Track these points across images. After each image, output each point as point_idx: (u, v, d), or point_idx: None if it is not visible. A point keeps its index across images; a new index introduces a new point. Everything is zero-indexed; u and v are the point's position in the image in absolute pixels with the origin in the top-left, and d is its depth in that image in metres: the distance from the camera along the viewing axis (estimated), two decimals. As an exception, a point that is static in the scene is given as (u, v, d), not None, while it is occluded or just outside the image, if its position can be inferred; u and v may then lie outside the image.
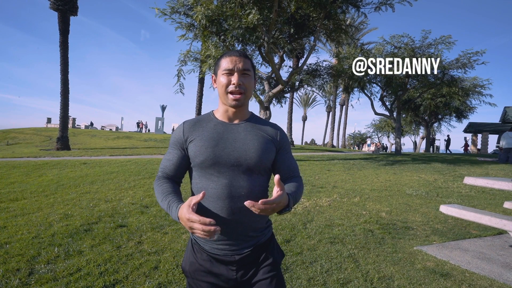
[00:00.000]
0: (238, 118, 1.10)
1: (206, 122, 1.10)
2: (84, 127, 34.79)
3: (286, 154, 1.14)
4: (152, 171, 7.47)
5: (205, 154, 1.02)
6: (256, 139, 1.06)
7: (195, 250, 1.08)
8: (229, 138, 1.05)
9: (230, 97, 1.04)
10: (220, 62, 1.07)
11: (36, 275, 2.31)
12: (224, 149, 1.02)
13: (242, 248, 1.04)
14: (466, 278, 2.50)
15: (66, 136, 14.39)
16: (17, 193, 5.09)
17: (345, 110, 35.72)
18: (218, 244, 1.03)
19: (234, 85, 1.03)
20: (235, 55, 1.05)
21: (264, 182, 1.09)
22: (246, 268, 1.04)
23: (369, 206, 4.80)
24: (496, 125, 25.07)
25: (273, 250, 1.11)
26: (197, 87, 19.88)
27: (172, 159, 1.09)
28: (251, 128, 1.09)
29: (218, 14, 8.38)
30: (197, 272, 1.06)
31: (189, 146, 1.06)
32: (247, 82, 1.05)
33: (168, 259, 2.67)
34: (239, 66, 1.04)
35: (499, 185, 3.02)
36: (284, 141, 1.14)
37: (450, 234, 3.62)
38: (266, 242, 1.10)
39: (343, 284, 2.31)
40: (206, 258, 1.05)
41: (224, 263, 1.04)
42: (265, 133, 1.10)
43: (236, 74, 1.03)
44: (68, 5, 13.91)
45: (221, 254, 1.03)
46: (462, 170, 8.98)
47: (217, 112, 1.12)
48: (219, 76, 1.06)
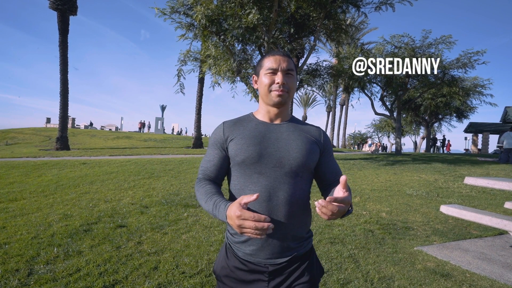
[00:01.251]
0: (280, 119, 1.07)
1: (247, 121, 1.07)
2: (84, 127, 34.78)
3: (330, 157, 1.10)
4: (152, 171, 7.46)
5: (247, 153, 0.97)
6: (300, 140, 1.02)
7: (228, 255, 1.03)
8: (271, 137, 1.01)
9: (274, 94, 1.01)
10: (263, 62, 1.05)
11: (36, 276, 2.30)
12: (266, 148, 0.98)
13: (277, 258, 0.97)
14: (467, 278, 2.49)
15: (66, 136, 14.38)
16: (16, 193, 5.08)
17: (345, 110, 35.73)
18: (252, 251, 0.97)
19: (278, 84, 1.01)
20: (279, 55, 1.03)
21: (307, 186, 1.02)
22: (280, 281, 0.97)
23: (369, 206, 4.79)
24: (497, 125, 25.07)
25: (312, 265, 1.04)
26: (197, 87, 19.84)
27: (212, 160, 1.05)
28: (294, 129, 1.05)
29: (218, 14, 8.37)
30: (226, 278, 1.02)
31: (230, 144, 1.02)
32: (290, 82, 1.03)
33: (167, 259, 2.66)
34: (283, 66, 1.01)
35: (499, 185, 3.01)
36: (328, 143, 1.10)
37: (450, 235, 3.62)
38: (305, 254, 1.02)
39: (343, 285, 2.30)
40: (238, 265, 1.00)
41: (256, 272, 0.97)
42: (308, 134, 1.06)
43: (280, 74, 1.01)
44: (68, 4, 13.91)
45: (254, 261, 0.97)
46: (463, 170, 8.98)
47: (258, 113, 1.09)
48: (262, 76, 1.04)
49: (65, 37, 14.16)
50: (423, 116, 24.12)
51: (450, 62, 14.25)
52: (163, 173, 7.15)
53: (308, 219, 1.04)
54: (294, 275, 0.98)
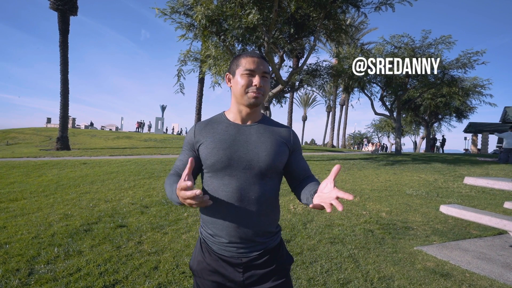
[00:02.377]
0: (251, 120, 1.09)
1: (218, 123, 1.08)
2: (84, 127, 34.80)
3: (299, 156, 1.13)
4: (152, 171, 7.46)
5: (217, 156, 1.00)
6: (269, 142, 1.05)
7: (203, 249, 1.08)
8: (241, 140, 1.03)
9: (250, 95, 1.02)
10: (240, 61, 1.05)
11: (36, 275, 2.30)
12: (236, 152, 1.01)
13: (250, 252, 1.03)
14: (466, 278, 2.49)
15: (66, 136, 14.39)
16: (17, 193, 5.09)
17: (345, 110, 35.74)
18: (227, 246, 1.02)
19: (255, 86, 1.02)
20: (256, 56, 1.04)
21: (276, 185, 1.07)
22: (254, 272, 1.03)
23: (369, 206, 4.80)
24: (497, 125, 25.07)
25: (282, 256, 1.10)
26: (197, 87, 19.89)
27: (183, 159, 1.08)
28: (264, 130, 1.07)
29: (218, 14, 8.38)
30: (204, 271, 1.06)
31: (200, 148, 1.05)
32: (266, 85, 1.05)
33: (168, 259, 2.66)
34: (261, 68, 1.03)
35: (499, 185, 3.02)
36: (297, 143, 1.14)
37: (450, 234, 3.62)
38: (275, 247, 1.09)
39: (343, 284, 2.31)
40: (214, 258, 1.05)
41: (231, 265, 1.03)
42: (278, 136, 1.08)
43: (257, 76, 1.02)
44: (68, 5, 13.92)
45: (229, 255, 1.03)
46: (462, 170, 8.98)
47: (229, 113, 1.10)
48: (238, 76, 1.04)
49: (65, 37, 14.17)
50: (423, 116, 24.11)
51: (450, 62, 14.25)
52: (163, 173, 7.16)
53: (277, 216, 1.11)
54: (267, 266, 1.05)
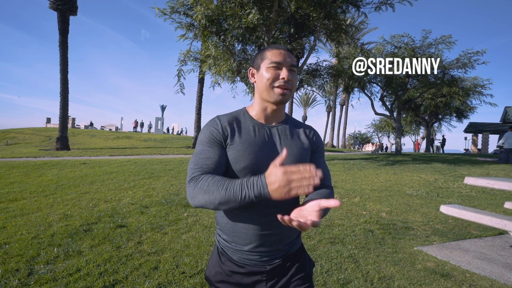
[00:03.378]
0: (276, 119, 1.03)
1: (243, 121, 1.00)
2: (84, 127, 34.80)
3: (319, 159, 1.07)
4: (151, 171, 7.46)
5: (248, 160, 0.93)
6: (295, 145, 1.00)
7: (222, 260, 1.01)
8: (268, 143, 0.98)
9: (277, 91, 0.95)
10: (265, 54, 0.98)
11: (36, 276, 2.30)
12: (265, 157, 0.94)
13: (273, 259, 0.98)
14: (467, 278, 2.49)
15: (66, 136, 14.40)
16: (17, 193, 5.09)
17: (345, 110, 35.75)
18: (249, 254, 0.96)
19: (283, 80, 0.94)
20: (283, 49, 0.98)
21: None
22: (277, 279, 0.99)
23: (369, 206, 4.80)
24: (497, 125, 25.08)
25: (305, 261, 1.06)
26: (197, 87, 19.85)
27: (213, 157, 0.92)
28: (288, 132, 1.02)
29: (218, 14, 8.38)
30: (222, 283, 0.99)
31: (229, 148, 0.95)
32: (294, 79, 0.98)
33: (168, 259, 2.66)
34: (288, 60, 0.96)
35: (499, 185, 3.01)
36: (319, 144, 1.08)
37: (450, 234, 3.62)
38: (297, 252, 1.05)
39: (343, 285, 2.31)
40: (234, 269, 0.98)
41: (254, 274, 0.97)
42: (302, 137, 1.04)
43: (285, 69, 0.95)
44: (68, 4, 13.92)
45: (251, 264, 0.97)
46: (463, 170, 8.98)
47: (252, 110, 1.02)
48: (263, 69, 0.96)
49: (65, 37, 14.17)
50: (423, 116, 24.13)
51: (450, 62, 14.26)
52: (163, 173, 7.15)
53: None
54: (290, 272, 1.00)
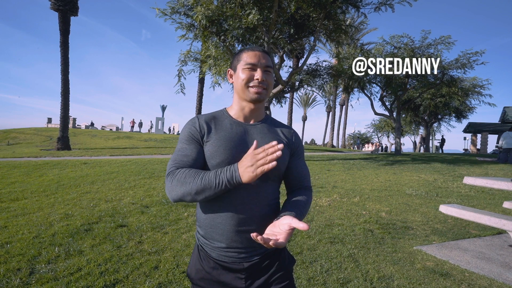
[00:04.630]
0: (254, 118, 1.05)
1: (222, 119, 1.03)
2: (85, 127, 34.82)
3: (298, 159, 1.09)
4: (152, 171, 7.47)
5: (223, 156, 0.95)
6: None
7: (202, 257, 1.02)
8: (246, 140, 0.99)
9: (252, 90, 0.99)
10: (241, 56, 1.02)
11: (37, 275, 2.31)
12: (241, 153, 0.95)
13: (251, 256, 0.98)
14: (466, 277, 2.50)
15: (67, 136, 14.42)
16: (18, 193, 5.10)
17: (345, 110, 35.75)
18: (227, 251, 0.97)
19: (257, 80, 0.98)
20: (258, 51, 1.01)
21: (277, 188, 1.04)
22: (256, 277, 0.99)
23: (369, 206, 4.81)
24: (496, 125, 25.11)
25: (284, 258, 1.06)
26: (197, 87, 19.89)
27: (190, 154, 0.96)
28: (267, 131, 1.04)
29: (218, 14, 8.39)
30: (203, 280, 1.00)
31: (206, 144, 0.98)
32: (269, 79, 1.01)
33: (168, 259, 2.67)
34: (263, 61, 1.00)
35: (498, 185, 3.03)
36: (298, 144, 1.09)
37: (449, 234, 3.63)
38: (276, 249, 1.04)
39: (343, 284, 2.32)
40: (213, 266, 0.99)
41: (232, 271, 0.98)
42: (280, 136, 1.05)
43: (259, 70, 0.99)
44: (69, 5, 13.95)
45: (229, 261, 0.97)
46: (462, 170, 8.99)
47: (232, 109, 1.06)
48: (239, 70, 1.01)
49: (66, 38, 14.19)
50: (422, 116, 24.15)
51: (449, 63, 14.28)
52: (164, 173, 7.17)
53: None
54: (270, 270, 1.01)
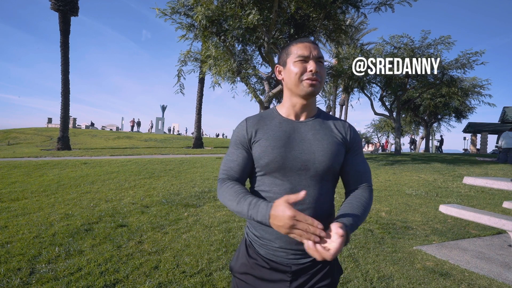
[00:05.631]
0: (306, 114, 1.00)
1: (270, 118, 1.00)
2: (85, 127, 34.80)
3: (356, 156, 1.01)
4: (152, 171, 7.48)
5: (271, 156, 0.92)
6: (326, 140, 0.95)
7: (249, 252, 1.00)
8: (296, 138, 0.95)
9: (306, 83, 0.93)
10: (291, 49, 0.97)
11: (37, 275, 2.32)
12: (291, 151, 0.93)
13: (301, 258, 0.94)
14: (465, 277, 2.51)
15: (67, 136, 14.42)
16: (18, 193, 5.10)
17: (345, 110, 35.70)
18: (276, 251, 0.94)
19: (311, 72, 0.93)
20: (308, 42, 0.97)
21: (331, 188, 0.99)
22: (302, 281, 0.95)
23: (369, 206, 4.81)
24: (496, 125, 25.12)
25: (333, 266, 1.00)
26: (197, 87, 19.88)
27: (236, 160, 0.98)
28: (320, 127, 0.98)
29: (218, 15, 8.39)
30: (246, 275, 0.98)
31: (254, 146, 0.96)
32: (322, 71, 0.96)
33: (168, 258, 2.68)
34: (314, 53, 0.95)
35: (498, 185, 3.03)
36: (356, 140, 1.02)
37: (449, 234, 3.63)
38: None
39: (343, 284, 2.32)
40: (260, 263, 0.96)
41: (279, 271, 0.95)
42: (334, 132, 0.99)
43: (312, 61, 0.93)
44: (69, 5, 13.94)
45: (277, 261, 0.95)
46: (462, 170, 9.00)
47: (282, 108, 1.02)
48: (290, 64, 0.96)
49: (66, 38, 14.19)
50: (422, 116, 24.14)
51: (449, 63, 14.28)
52: (164, 173, 7.17)
53: (331, 221, 0.98)
54: (317, 276, 0.96)
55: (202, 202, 4.73)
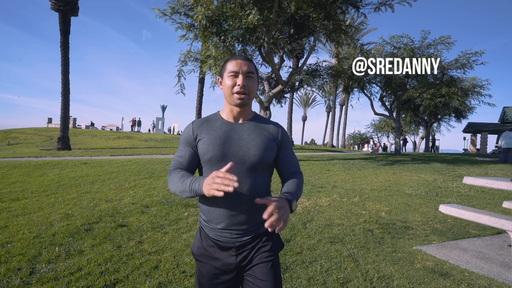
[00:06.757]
0: (242, 118, 1.18)
1: (213, 121, 1.18)
2: (85, 127, 34.80)
3: (286, 151, 1.23)
4: (152, 171, 7.48)
5: (213, 152, 1.11)
6: (259, 138, 1.15)
7: (202, 236, 1.19)
8: (234, 137, 1.13)
9: (235, 96, 1.12)
10: (226, 65, 1.16)
11: (37, 275, 2.32)
12: (230, 148, 1.11)
13: (242, 236, 1.13)
14: (465, 277, 2.51)
15: (67, 136, 14.41)
16: (18, 193, 5.11)
17: (345, 110, 35.76)
18: (222, 232, 1.13)
19: (239, 86, 1.11)
20: (240, 59, 1.15)
21: (266, 178, 1.18)
22: (245, 254, 1.14)
23: (369, 206, 4.81)
24: (495, 125, 25.14)
25: (272, 239, 1.19)
26: (197, 87, 19.91)
27: (184, 155, 1.17)
28: (255, 128, 1.17)
29: (218, 15, 8.40)
30: (202, 256, 1.17)
31: (198, 144, 1.15)
32: (251, 84, 1.14)
33: (168, 258, 2.68)
34: (244, 68, 1.12)
35: (498, 184, 3.03)
36: (285, 138, 1.23)
37: (449, 234, 3.64)
38: (265, 232, 1.18)
39: (343, 284, 2.33)
40: (210, 244, 1.16)
41: (225, 249, 1.14)
42: (267, 132, 1.18)
43: (241, 76, 1.12)
44: (69, 5, 13.94)
45: (223, 240, 1.13)
46: (462, 170, 9.00)
47: (223, 112, 1.21)
48: (225, 78, 1.15)
49: (66, 38, 14.19)
50: (422, 116, 24.14)
51: (449, 63, 14.28)
52: (164, 173, 7.17)
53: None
54: (257, 246, 1.16)
55: (202, 202, 4.73)
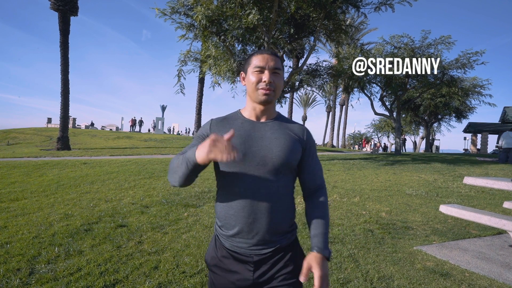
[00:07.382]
0: (265, 117, 1.09)
1: (233, 119, 1.09)
2: (85, 127, 34.78)
3: (311, 157, 1.11)
4: (152, 171, 7.47)
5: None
6: (283, 138, 1.05)
7: (217, 246, 1.08)
8: (255, 136, 1.04)
9: (260, 92, 1.03)
10: (251, 60, 1.07)
11: (37, 275, 2.31)
12: (250, 147, 1.01)
13: (262, 249, 1.01)
14: (466, 277, 2.50)
15: (67, 136, 14.40)
16: (18, 193, 5.10)
17: (345, 110, 35.75)
18: (239, 242, 1.02)
19: (265, 83, 1.03)
20: (266, 53, 1.06)
21: (289, 183, 1.07)
22: (264, 270, 1.02)
23: (369, 206, 4.81)
24: (496, 125, 25.12)
25: (296, 256, 1.07)
26: (197, 87, 19.90)
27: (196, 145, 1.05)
28: (278, 127, 1.08)
29: (218, 14, 8.39)
30: (216, 267, 1.07)
31: None
32: (277, 81, 1.06)
33: (168, 259, 2.67)
34: (270, 64, 1.04)
35: (498, 185, 3.03)
36: (310, 141, 1.12)
37: (449, 234, 3.63)
38: (288, 245, 1.06)
39: (343, 284, 2.32)
40: (225, 255, 1.05)
41: (242, 262, 1.02)
42: (292, 132, 1.08)
43: (267, 72, 1.03)
44: (69, 5, 13.93)
45: (240, 252, 1.02)
46: (462, 170, 8.99)
47: (245, 110, 1.12)
48: (249, 74, 1.06)
49: (66, 38, 14.17)
50: (422, 116, 24.13)
51: (449, 63, 14.27)
52: (164, 173, 7.16)
53: (290, 214, 1.08)
54: (279, 265, 1.03)
55: (202, 202, 4.73)
